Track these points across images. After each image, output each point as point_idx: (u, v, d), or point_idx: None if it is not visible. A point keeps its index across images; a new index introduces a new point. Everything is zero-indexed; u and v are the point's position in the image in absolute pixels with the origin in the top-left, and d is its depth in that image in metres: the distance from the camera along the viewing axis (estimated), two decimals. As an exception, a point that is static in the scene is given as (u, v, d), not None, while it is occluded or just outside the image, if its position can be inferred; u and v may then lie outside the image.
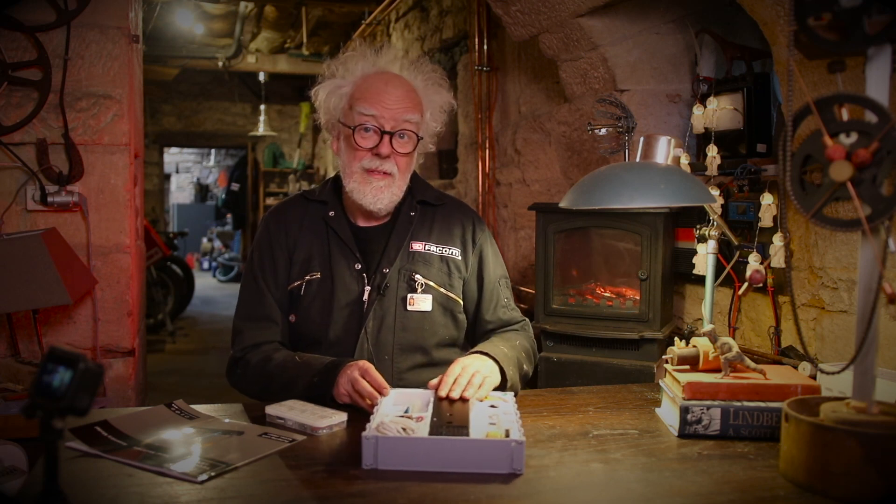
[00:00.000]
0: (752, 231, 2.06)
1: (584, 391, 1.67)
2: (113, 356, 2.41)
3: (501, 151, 3.80)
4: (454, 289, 1.71)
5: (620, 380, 2.21)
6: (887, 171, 1.02)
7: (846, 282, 1.78)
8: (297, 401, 1.46)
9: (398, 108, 1.61)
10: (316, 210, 1.74)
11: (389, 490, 1.07)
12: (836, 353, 1.82)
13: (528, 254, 3.45)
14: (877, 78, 1.05)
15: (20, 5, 2.22)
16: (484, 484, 1.10)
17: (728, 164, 2.17)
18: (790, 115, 1.12)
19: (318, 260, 1.69)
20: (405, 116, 1.62)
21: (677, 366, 1.44)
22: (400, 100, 1.62)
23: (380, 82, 1.64)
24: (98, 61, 2.34)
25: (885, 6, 1.01)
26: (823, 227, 1.10)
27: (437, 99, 1.71)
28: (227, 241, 12.82)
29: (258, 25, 7.17)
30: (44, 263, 1.98)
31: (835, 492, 1.05)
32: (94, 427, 1.30)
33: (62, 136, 2.30)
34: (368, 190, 1.63)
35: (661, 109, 2.59)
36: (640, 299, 2.31)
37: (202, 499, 1.05)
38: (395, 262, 1.67)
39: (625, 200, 1.51)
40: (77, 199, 2.31)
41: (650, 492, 1.08)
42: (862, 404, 1.10)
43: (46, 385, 0.83)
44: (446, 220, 1.76)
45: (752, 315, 2.16)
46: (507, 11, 2.84)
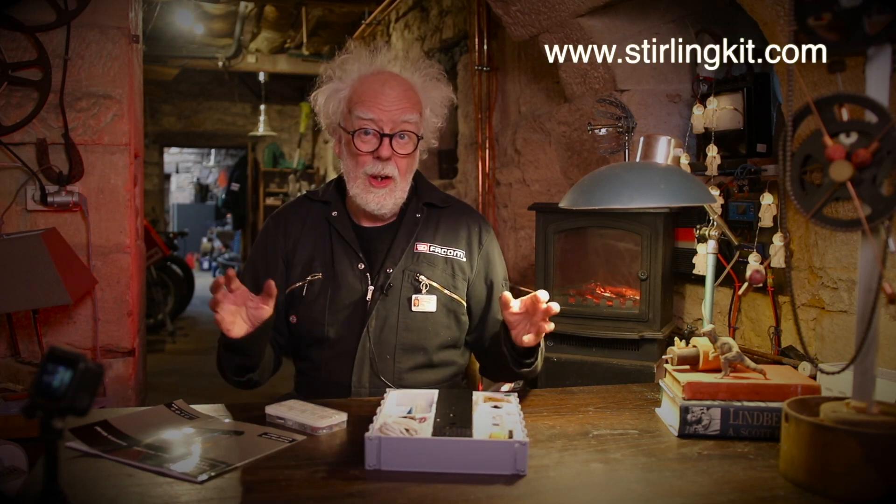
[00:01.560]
0: (752, 231, 2.06)
1: (584, 391, 1.67)
2: (113, 356, 2.41)
3: (501, 151, 3.80)
4: (458, 290, 1.71)
5: (620, 380, 2.21)
6: (887, 171, 1.02)
7: (846, 282, 1.78)
8: (297, 401, 1.46)
9: (396, 110, 1.61)
10: (319, 211, 1.75)
11: (389, 490, 1.07)
12: (836, 353, 1.82)
13: (528, 254, 3.45)
14: (877, 78, 1.05)
15: (20, 5, 2.22)
16: (484, 484, 1.10)
17: (728, 164, 2.17)
18: (790, 115, 1.12)
19: (321, 260, 1.69)
20: (404, 117, 1.62)
21: (677, 366, 1.44)
22: (398, 100, 1.62)
23: (376, 84, 1.63)
24: (98, 61, 2.34)
25: (885, 6, 1.01)
26: (823, 227, 1.10)
27: (435, 95, 1.71)
28: (227, 241, 12.82)
29: (258, 25, 7.17)
30: (44, 263, 1.98)
31: (835, 492, 1.05)
32: (94, 427, 1.30)
33: (62, 136, 2.30)
34: (371, 198, 1.65)
35: (661, 109, 2.60)
36: (640, 299, 2.31)
37: (202, 499, 1.05)
38: (400, 262, 1.67)
39: (625, 200, 1.51)
40: (77, 199, 2.31)
41: (650, 492, 1.08)
42: (862, 404, 1.10)
43: (46, 385, 0.83)
44: (451, 222, 1.76)
45: (752, 315, 2.16)
46: (507, 11, 2.84)
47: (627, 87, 2.58)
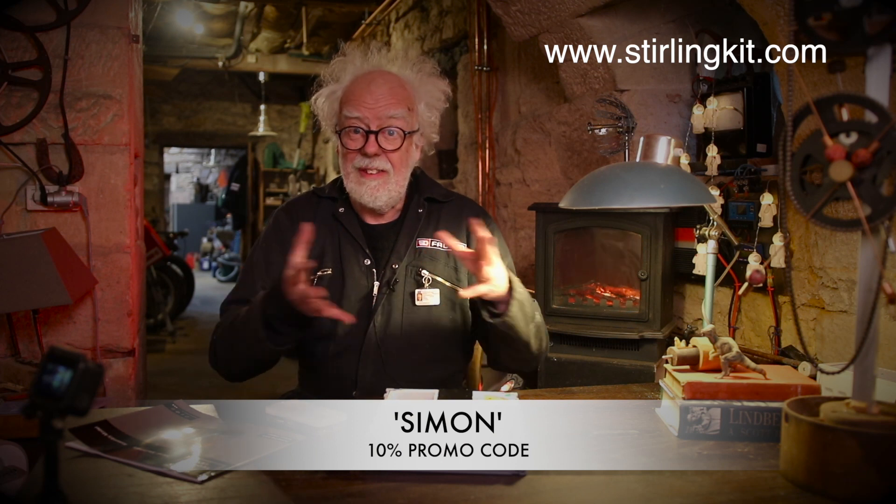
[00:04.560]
0: (752, 231, 2.06)
1: (584, 391, 1.67)
2: (113, 356, 2.41)
3: (501, 151, 3.80)
4: (461, 283, 1.72)
5: (620, 380, 2.21)
6: (887, 171, 1.02)
7: (846, 282, 1.78)
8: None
9: (381, 107, 1.64)
10: (327, 207, 1.77)
11: (389, 490, 1.07)
12: (836, 353, 1.82)
13: (528, 254, 3.45)
14: (877, 78, 1.05)
15: (20, 5, 2.22)
16: (484, 484, 1.10)
17: (728, 164, 2.17)
18: (790, 115, 1.12)
19: (331, 255, 1.71)
20: (389, 113, 1.64)
21: (677, 366, 1.44)
22: (383, 97, 1.65)
23: (364, 82, 1.67)
24: (98, 61, 2.34)
25: (885, 6, 1.01)
26: (823, 227, 1.10)
27: (430, 89, 1.74)
28: (227, 241, 12.81)
29: (258, 25, 7.17)
30: (44, 263, 1.98)
31: (835, 492, 1.05)
32: (94, 427, 1.30)
33: (62, 136, 2.30)
34: (364, 190, 1.67)
35: (661, 109, 2.60)
36: (640, 299, 2.31)
37: (202, 499, 1.05)
38: (404, 258, 1.69)
39: (625, 200, 1.51)
40: (77, 199, 2.31)
41: (650, 492, 1.08)
42: (862, 404, 1.10)
43: (46, 385, 0.83)
44: (453, 216, 1.78)
45: (752, 315, 2.16)
46: (507, 11, 2.84)
47: (627, 87, 2.58)
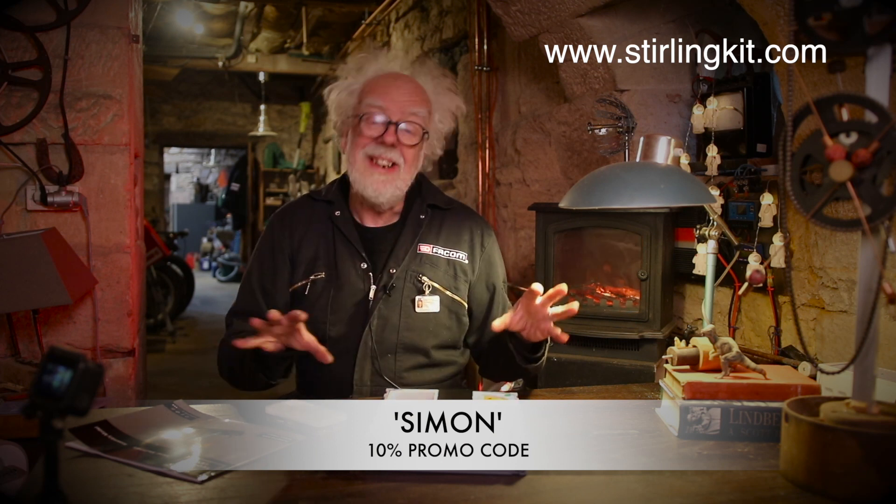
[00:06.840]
0: (752, 231, 2.06)
1: (584, 391, 1.67)
2: (113, 356, 2.41)
3: (501, 151, 3.80)
4: (459, 292, 1.72)
5: (620, 380, 2.21)
6: (887, 171, 1.02)
7: (846, 282, 1.78)
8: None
9: (405, 101, 1.65)
10: (323, 210, 1.76)
11: (389, 490, 1.07)
12: (836, 353, 1.82)
13: (528, 254, 3.45)
14: (877, 78, 1.05)
15: (20, 5, 2.22)
16: (484, 484, 1.10)
17: (728, 164, 2.17)
18: (790, 115, 1.12)
19: (324, 259, 1.70)
20: (412, 109, 1.66)
21: (677, 366, 1.44)
22: (408, 93, 1.67)
23: (390, 77, 1.70)
24: (98, 61, 2.34)
25: (885, 6, 1.01)
26: (823, 227, 1.10)
27: (446, 101, 1.75)
28: (227, 241, 12.81)
29: (258, 25, 7.16)
30: (44, 263, 1.98)
31: (835, 492, 1.05)
32: (94, 427, 1.30)
33: (62, 136, 2.30)
34: (370, 182, 1.66)
35: (661, 109, 2.59)
36: (640, 299, 2.31)
37: (202, 499, 1.05)
38: (403, 263, 1.68)
39: (625, 200, 1.51)
40: (77, 199, 2.31)
41: (650, 492, 1.08)
42: (862, 404, 1.10)
43: (46, 385, 0.83)
44: (455, 224, 1.78)
45: (752, 315, 2.16)
46: (507, 11, 2.84)
47: (627, 87, 2.58)
